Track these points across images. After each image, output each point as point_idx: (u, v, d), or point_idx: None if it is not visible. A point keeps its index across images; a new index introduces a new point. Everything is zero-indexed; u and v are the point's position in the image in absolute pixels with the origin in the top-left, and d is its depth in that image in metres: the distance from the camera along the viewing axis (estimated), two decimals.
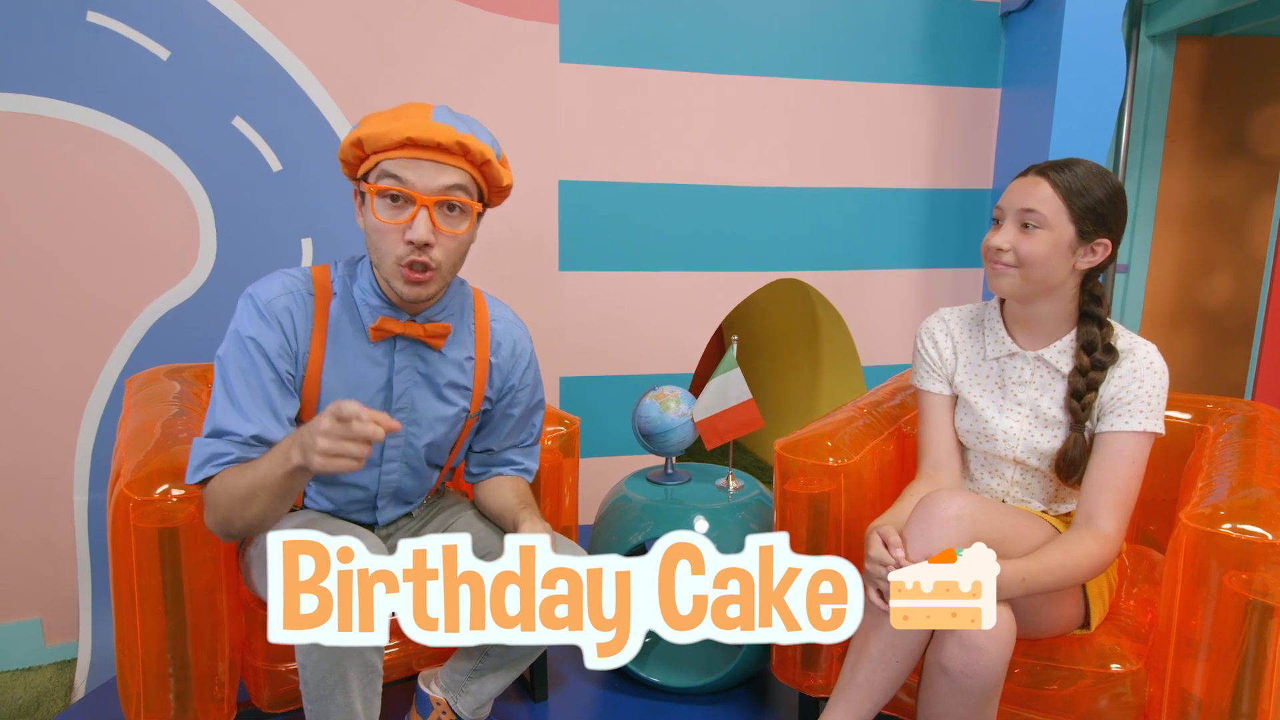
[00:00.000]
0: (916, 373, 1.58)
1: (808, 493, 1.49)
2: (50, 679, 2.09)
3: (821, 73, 2.65)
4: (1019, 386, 1.46)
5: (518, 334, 1.54)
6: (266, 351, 1.29)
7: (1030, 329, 1.45)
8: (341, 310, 1.36)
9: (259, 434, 1.27)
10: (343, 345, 1.36)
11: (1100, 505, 1.34)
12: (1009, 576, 1.23)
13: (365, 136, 1.25)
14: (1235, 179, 2.99)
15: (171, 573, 1.28)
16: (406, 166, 1.26)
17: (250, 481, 1.20)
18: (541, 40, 2.41)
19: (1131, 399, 1.36)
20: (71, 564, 2.15)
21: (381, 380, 1.39)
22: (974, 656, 1.21)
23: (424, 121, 1.25)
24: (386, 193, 1.26)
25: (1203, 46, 2.91)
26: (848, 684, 1.35)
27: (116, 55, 2.01)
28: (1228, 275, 3.05)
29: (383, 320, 1.35)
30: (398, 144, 1.25)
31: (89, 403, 2.12)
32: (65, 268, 2.04)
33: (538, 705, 1.81)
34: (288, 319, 1.31)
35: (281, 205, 2.22)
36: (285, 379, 1.31)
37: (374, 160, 1.27)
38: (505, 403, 1.54)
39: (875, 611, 1.30)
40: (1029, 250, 1.34)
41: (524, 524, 1.40)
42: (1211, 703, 1.21)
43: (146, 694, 1.30)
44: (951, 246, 2.87)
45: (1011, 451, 1.47)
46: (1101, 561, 1.30)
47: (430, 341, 1.39)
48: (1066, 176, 1.34)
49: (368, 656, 1.26)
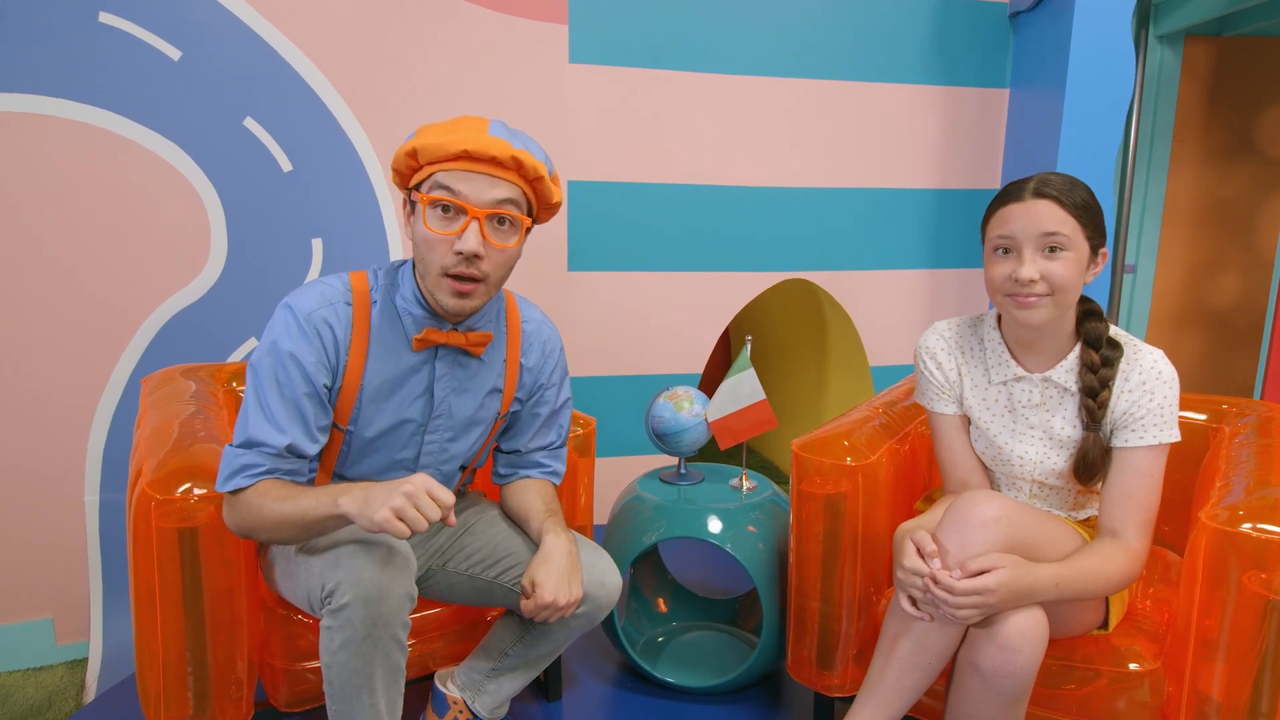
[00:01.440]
0: (925, 394, 1.55)
1: (824, 493, 1.49)
2: (61, 678, 2.10)
3: (830, 73, 2.65)
4: (1029, 410, 1.44)
5: (548, 334, 1.55)
6: (304, 366, 1.29)
7: (1036, 351, 1.42)
8: (383, 319, 1.36)
9: (292, 445, 1.29)
10: (384, 353, 1.36)
11: (1123, 520, 1.34)
12: (1045, 580, 1.23)
13: (421, 147, 1.26)
14: (1243, 179, 2.99)
15: (191, 572, 1.28)
16: (460, 179, 1.26)
17: (286, 511, 1.23)
18: (551, 41, 2.41)
19: (1144, 413, 1.34)
20: (82, 564, 2.15)
21: (422, 387, 1.41)
22: (1009, 657, 1.21)
23: (480, 135, 1.26)
24: (439, 203, 1.26)
25: (1211, 47, 2.91)
26: (876, 684, 1.35)
27: (128, 55, 2.02)
28: (1235, 276, 3.05)
29: (428, 332, 1.36)
30: (453, 156, 1.26)
31: (100, 403, 2.12)
32: (76, 268, 2.04)
33: (552, 705, 1.81)
34: (327, 331, 1.32)
35: (292, 206, 2.22)
36: (321, 392, 1.32)
37: (428, 171, 1.28)
38: (533, 401, 1.55)
39: (906, 614, 1.30)
40: (1061, 275, 1.30)
41: (547, 534, 1.42)
42: (1230, 703, 1.21)
43: (166, 693, 1.30)
44: (959, 247, 2.87)
45: (1029, 474, 1.46)
46: (1130, 575, 1.30)
47: (472, 350, 1.41)
48: (1069, 194, 1.30)
49: (393, 657, 1.26)
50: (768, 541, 1.76)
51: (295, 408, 1.29)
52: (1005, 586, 1.20)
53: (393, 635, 1.25)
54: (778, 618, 1.75)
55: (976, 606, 1.22)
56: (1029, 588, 1.22)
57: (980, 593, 1.21)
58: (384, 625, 1.23)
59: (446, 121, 1.31)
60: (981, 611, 1.23)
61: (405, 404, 1.39)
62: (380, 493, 1.16)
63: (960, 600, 1.21)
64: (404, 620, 1.26)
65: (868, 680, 1.37)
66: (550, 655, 1.55)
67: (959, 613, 1.23)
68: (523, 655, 1.53)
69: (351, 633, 1.21)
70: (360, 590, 1.20)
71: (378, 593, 1.21)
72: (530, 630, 1.51)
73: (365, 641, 1.22)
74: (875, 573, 1.55)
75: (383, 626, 1.23)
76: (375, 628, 1.22)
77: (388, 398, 1.38)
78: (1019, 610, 1.23)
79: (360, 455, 1.42)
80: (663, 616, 2.13)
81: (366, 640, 1.22)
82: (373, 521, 1.14)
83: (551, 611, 1.35)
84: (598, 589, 1.44)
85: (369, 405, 1.37)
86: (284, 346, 1.29)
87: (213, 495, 1.28)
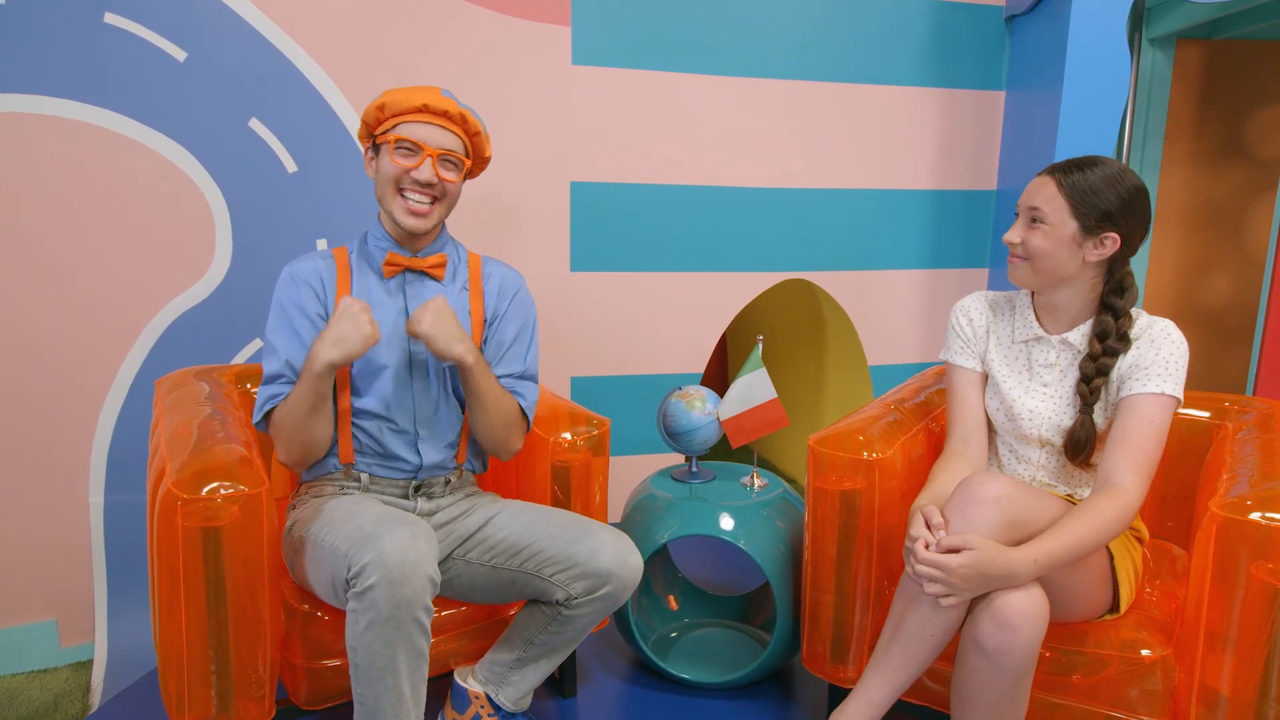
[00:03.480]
0: (950, 348, 1.65)
1: (840, 488, 1.51)
2: (66, 680, 2.09)
3: (829, 75, 2.68)
4: (1045, 369, 1.53)
5: (507, 273, 1.75)
6: (299, 303, 1.57)
7: (1054, 314, 1.52)
8: (359, 260, 1.64)
9: (292, 366, 1.54)
10: (363, 285, 1.61)
11: (1117, 461, 1.38)
12: (1022, 561, 1.26)
13: (388, 101, 1.54)
14: (1233, 181, 3.04)
15: (214, 571, 1.28)
16: (419, 128, 1.55)
17: (294, 396, 1.48)
18: (554, 43, 2.43)
19: (1149, 364, 1.41)
20: (87, 565, 2.14)
21: (399, 306, 1.62)
22: (1009, 635, 1.25)
23: (436, 95, 1.55)
24: (403, 143, 1.54)
25: (1201, 50, 2.95)
26: (883, 655, 1.39)
27: (133, 56, 2.02)
28: (1226, 275, 3.09)
29: (391, 255, 1.61)
30: (415, 109, 1.54)
31: (105, 404, 2.12)
32: (81, 269, 2.04)
33: (567, 701, 1.82)
34: (315, 278, 1.59)
35: (297, 206, 2.23)
36: (315, 320, 1.57)
37: (393, 121, 1.55)
38: (496, 327, 1.69)
39: (912, 585, 1.34)
40: (1034, 244, 1.45)
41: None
42: (1239, 688, 1.24)
43: (189, 691, 1.31)
44: (957, 247, 2.91)
45: (1037, 430, 1.52)
46: (1117, 517, 1.32)
47: (432, 272, 1.64)
48: (1074, 176, 1.41)
49: (416, 640, 1.30)
50: (780, 537, 1.78)
51: (293, 334, 1.55)
52: (967, 568, 1.25)
53: (415, 618, 1.28)
54: (791, 612, 1.77)
55: (937, 581, 1.27)
56: (1004, 571, 1.26)
57: (941, 568, 1.26)
58: (407, 607, 1.26)
59: (408, 87, 1.57)
60: (945, 588, 1.27)
61: (387, 324, 1.59)
62: (321, 337, 1.46)
63: (922, 570, 1.28)
64: (426, 604, 1.30)
65: (875, 652, 1.42)
66: (574, 641, 1.59)
67: (926, 586, 1.28)
68: (548, 643, 1.56)
69: (376, 614, 1.25)
70: (385, 572, 1.24)
71: (401, 575, 1.25)
72: (557, 615, 1.53)
73: (389, 624, 1.26)
74: (889, 566, 1.58)
75: (406, 609, 1.26)
76: (399, 609, 1.26)
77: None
78: (1018, 589, 1.27)
79: (365, 378, 1.59)
80: (674, 614, 2.15)
81: (390, 622, 1.26)
82: (333, 356, 1.43)
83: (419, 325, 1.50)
84: (621, 567, 1.49)
85: None
86: (280, 297, 1.58)
87: (239, 496, 1.28)
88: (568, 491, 1.67)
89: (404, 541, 1.28)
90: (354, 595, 1.27)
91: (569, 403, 1.82)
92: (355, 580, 1.26)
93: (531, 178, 2.46)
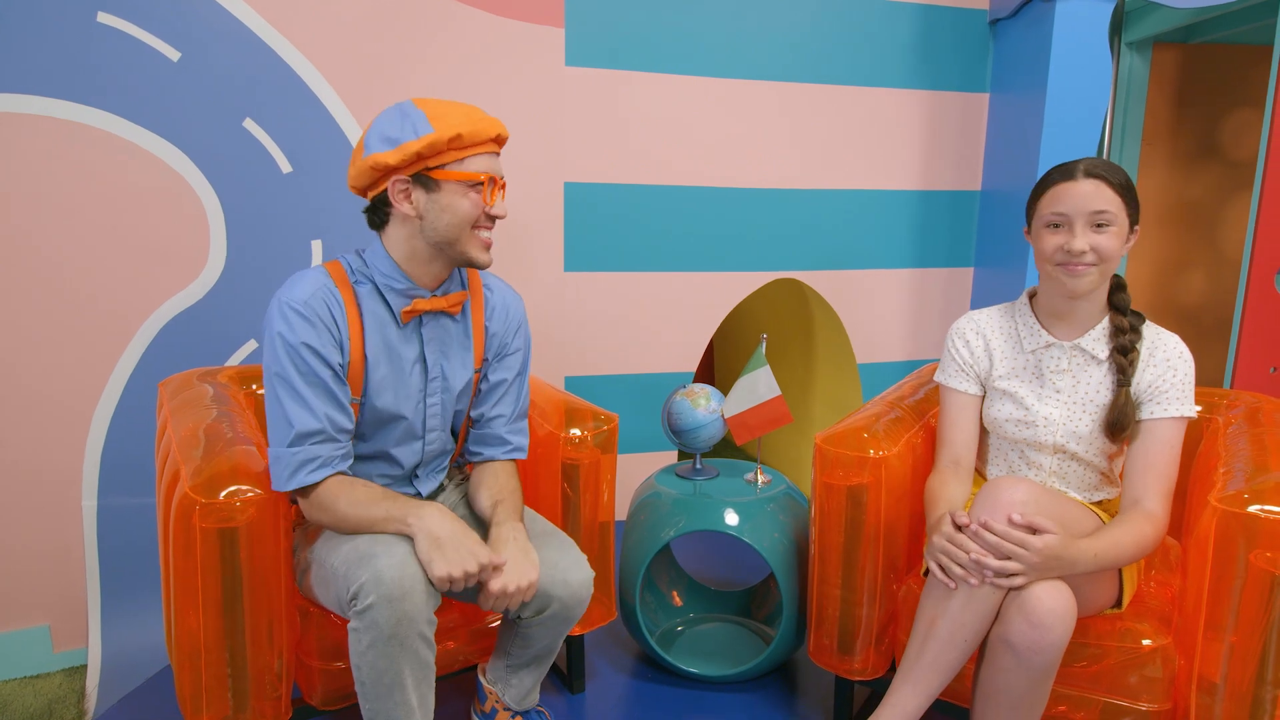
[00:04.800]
0: (944, 370, 1.66)
1: (846, 484, 1.54)
2: (60, 686, 2.07)
3: (818, 77, 2.71)
4: (1057, 375, 1.55)
5: (511, 299, 1.64)
6: (318, 350, 1.36)
7: (1069, 321, 1.54)
8: (368, 297, 1.45)
9: (333, 423, 1.37)
10: (377, 328, 1.45)
11: (1146, 489, 1.45)
12: (1085, 554, 1.32)
13: (467, 134, 1.37)
14: (1209, 181, 3.12)
15: (231, 572, 1.28)
16: (493, 160, 1.43)
17: (359, 516, 1.35)
18: (548, 44, 2.44)
19: (1168, 387, 1.47)
20: (80, 570, 2.12)
21: (415, 353, 1.50)
22: (1041, 634, 1.28)
23: (498, 123, 1.43)
24: (479, 180, 1.40)
25: (1177, 53, 3.03)
26: (914, 663, 1.41)
27: (127, 56, 2.00)
28: (1202, 274, 3.17)
29: (416, 302, 1.46)
30: (491, 139, 1.42)
31: (98, 406, 2.09)
32: (74, 270, 2.02)
33: (575, 697, 1.84)
34: (325, 312, 1.38)
35: (292, 207, 2.22)
36: (339, 370, 1.40)
37: (464, 154, 1.39)
38: (498, 364, 1.61)
39: (941, 592, 1.37)
40: (1108, 247, 1.44)
41: (493, 527, 1.45)
42: (1237, 674, 1.28)
43: (207, 692, 1.31)
44: (943, 247, 2.95)
45: (1052, 437, 1.54)
46: (1154, 541, 1.40)
47: (451, 310, 1.50)
48: (1116, 175, 1.45)
49: (421, 654, 1.29)
50: (784, 533, 1.81)
51: (324, 389, 1.37)
52: (1050, 550, 1.29)
53: (419, 633, 1.28)
54: (796, 606, 1.79)
55: (1014, 558, 1.30)
56: (1071, 558, 1.31)
57: (1025, 546, 1.29)
58: (409, 624, 1.26)
59: (457, 107, 1.41)
60: (1020, 566, 1.29)
61: (405, 373, 1.48)
62: (453, 550, 1.29)
63: (1004, 544, 1.29)
64: (429, 617, 1.29)
65: (905, 660, 1.43)
66: (548, 653, 1.56)
67: (994, 563, 1.30)
68: (521, 655, 1.55)
69: (377, 633, 1.25)
70: (383, 590, 1.23)
71: (400, 591, 1.24)
72: (518, 631, 1.52)
73: (391, 641, 1.25)
74: (894, 560, 1.61)
75: (408, 625, 1.26)
76: (400, 626, 1.25)
77: (388, 368, 1.45)
78: (1049, 589, 1.30)
79: (374, 426, 1.49)
80: (678, 609, 2.17)
81: (393, 640, 1.25)
82: (431, 572, 1.27)
83: (506, 599, 1.35)
84: (559, 587, 1.44)
85: (374, 375, 1.44)
86: (294, 339, 1.35)
87: (255, 498, 1.29)
88: (577, 490, 1.68)
89: (401, 558, 1.27)
90: (355, 614, 1.26)
91: (574, 397, 1.83)
92: (354, 600, 1.26)
93: (525, 178, 2.46)
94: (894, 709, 1.41)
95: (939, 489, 1.53)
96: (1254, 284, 2.57)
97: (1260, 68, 2.99)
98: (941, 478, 1.56)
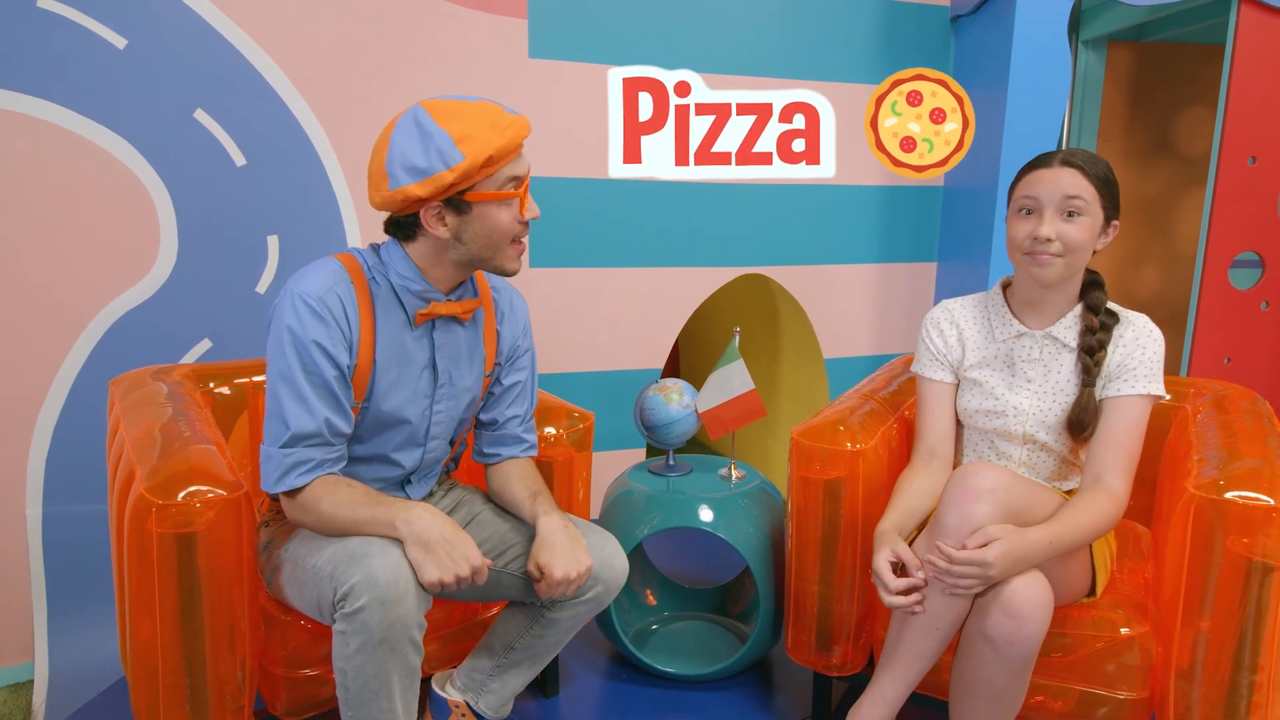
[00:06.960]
0: (920, 360, 1.64)
1: (824, 478, 1.52)
2: (4, 703, 1.98)
3: (781, 72, 2.71)
4: (1028, 364, 1.54)
5: (515, 297, 1.62)
6: (327, 350, 1.31)
7: (1041, 310, 1.53)
8: (382, 297, 1.39)
9: (330, 427, 1.32)
10: (387, 329, 1.40)
11: (1108, 465, 1.43)
12: (1039, 542, 1.30)
13: (497, 151, 1.29)
14: (1163, 177, 3.18)
15: (189, 579, 1.22)
16: (520, 163, 1.36)
17: (345, 517, 1.30)
18: (510, 35, 2.39)
19: (1136, 365, 1.46)
20: (24, 581, 2.02)
21: (425, 358, 1.45)
22: (1019, 625, 1.27)
23: (524, 123, 1.35)
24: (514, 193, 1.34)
25: (1131, 52, 3.08)
26: (892, 653, 1.41)
27: (70, 44, 1.91)
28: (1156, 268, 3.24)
29: (434, 305, 1.41)
30: (518, 147, 1.34)
31: (43, 410, 2.00)
32: (17, 267, 1.93)
33: (549, 701, 1.80)
34: (339, 310, 1.33)
35: (246, 201, 2.14)
36: (346, 372, 1.35)
37: (496, 168, 1.32)
38: (510, 366, 1.59)
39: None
40: (1075, 237, 1.42)
41: (540, 517, 1.44)
42: (1214, 659, 1.29)
43: (164, 704, 1.24)
44: (907, 242, 2.96)
45: (1021, 427, 1.54)
46: (1113, 518, 1.39)
47: (463, 317, 1.46)
48: (1094, 165, 1.44)
49: (409, 659, 1.25)
50: (759, 528, 1.79)
51: (326, 390, 1.32)
52: (1003, 557, 1.27)
53: (409, 637, 1.24)
54: (773, 603, 1.77)
55: (976, 577, 1.28)
56: (1025, 553, 1.29)
57: (979, 564, 1.27)
58: (401, 627, 1.22)
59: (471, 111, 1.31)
60: (982, 581, 1.29)
61: (413, 378, 1.43)
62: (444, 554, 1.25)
63: (961, 569, 1.28)
64: (420, 621, 1.26)
65: (885, 651, 1.43)
66: (557, 645, 1.56)
67: (961, 583, 1.29)
68: (530, 647, 1.52)
69: (367, 637, 1.20)
70: (376, 592, 1.19)
71: (394, 594, 1.20)
72: (539, 618, 1.50)
73: (382, 645, 1.21)
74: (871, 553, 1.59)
75: (400, 629, 1.22)
76: (392, 630, 1.21)
77: (397, 371, 1.40)
78: (1025, 580, 1.29)
79: (376, 429, 1.43)
80: (652, 608, 2.15)
81: (383, 644, 1.21)
82: (422, 577, 1.23)
83: (567, 586, 1.36)
84: (606, 571, 1.47)
85: (382, 378, 1.39)
86: (305, 335, 1.30)
87: (215, 499, 1.23)
88: (550, 487, 1.64)
89: (395, 559, 1.23)
90: (343, 617, 1.21)
91: (549, 395, 1.80)
92: (344, 602, 1.21)
93: None
94: (876, 697, 1.41)
95: (900, 488, 1.52)
96: (1208, 277, 2.63)
97: (1212, 66, 3.05)
98: (911, 471, 1.56)
